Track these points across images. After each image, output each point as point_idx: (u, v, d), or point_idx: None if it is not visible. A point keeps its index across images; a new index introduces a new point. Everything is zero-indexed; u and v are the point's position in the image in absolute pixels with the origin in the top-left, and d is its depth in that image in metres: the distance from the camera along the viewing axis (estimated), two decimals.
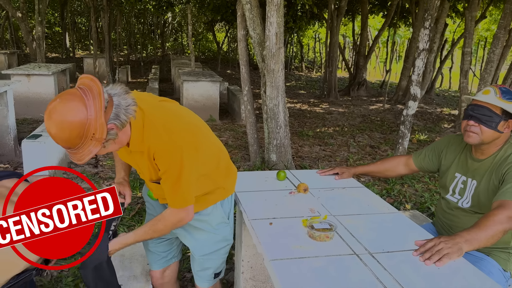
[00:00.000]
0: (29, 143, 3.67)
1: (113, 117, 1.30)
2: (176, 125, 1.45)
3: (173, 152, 1.40)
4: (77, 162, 1.35)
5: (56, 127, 1.24)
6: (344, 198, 2.03)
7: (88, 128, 1.25)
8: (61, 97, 1.27)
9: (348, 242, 1.58)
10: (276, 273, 1.36)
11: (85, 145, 1.27)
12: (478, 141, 1.82)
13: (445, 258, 1.44)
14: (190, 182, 1.46)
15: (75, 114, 1.23)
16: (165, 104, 1.58)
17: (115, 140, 1.35)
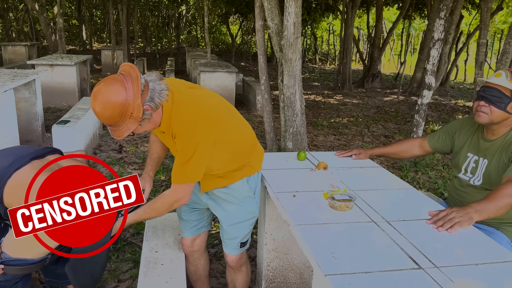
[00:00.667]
0: (59, 128, 3.87)
1: (149, 100, 1.48)
2: (198, 110, 1.59)
3: (190, 135, 1.55)
4: (117, 138, 1.52)
5: (100, 106, 1.44)
6: (362, 176, 2.16)
7: (127, 108, 1.43)
8: (105, 81, 1.46)
9: (366, 212, 1.71)
10: (302, 235, 1.51)
11: (124, 122, 1.46)
12: (488, 120, 1.94)
13: (456, 226, 1.57)
14: (198, 165, 1.59)
15: (116, 96, 1.42)
16: (193, 91, 1.72)
17: (149, 120, 1.52)
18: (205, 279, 2.13)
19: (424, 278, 1.27)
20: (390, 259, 1.37)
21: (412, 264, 1.34)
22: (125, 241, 2.90)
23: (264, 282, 2.30)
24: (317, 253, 1.39)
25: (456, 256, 1.40)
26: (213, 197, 1.84)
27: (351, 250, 1.41)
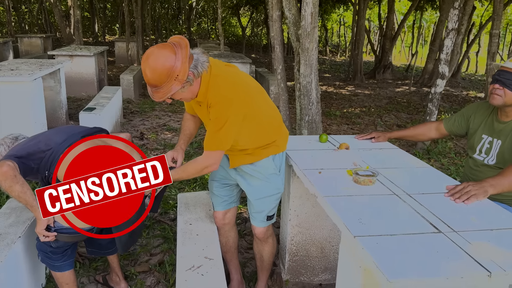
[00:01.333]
0: (86, 115, 4.05)
1: (193, 67, 1.64)
2: (233, 85, 1.75)
3: (224, 106, 1.70)
4: (158, 99, 1.65)
5: (152, 67, 1.60)
6: (382, 156, 2.30)
7: (174, 70, 1.59)
8: (157, 45, 1.65)
9: (388, 186, 1.86)
10: (330, 204, 1.65)
11: (169, 83, 1.60)
12: (502, 102, 2.06)
13: (472, 198, 1.71)
14: (229, 134, 1.73)
15: (166, 58, 1.59)
16: (230, 68, 1.88)
17: (190, 85, 1.67)
18: (234, 251, 2.29)
19: (444, 240, 1.41)
20: (412, 224, 1.51)
21: (433, 228, 1.49)
22: (154, 219, 3.07)
23: (288, 255, 2.46)
24: (346, 219, 1.53)
25: (472, 223, 1.54)
26: (241, 173, 1.99)
27: (376, 217, 1.56)
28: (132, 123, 5.70)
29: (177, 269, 1.81)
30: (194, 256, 1.89)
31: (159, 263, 2.56)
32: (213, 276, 1.76)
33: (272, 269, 2.60)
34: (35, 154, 1.81)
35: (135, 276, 2.44)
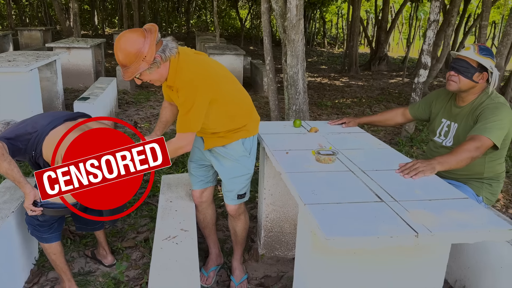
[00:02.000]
0: (80, 104, 4.23)
1: (161, 51, 1.82)
2: (199, 70, 1.90)
3: (190, 90, 1.85)
4: (127, 78, 1.82)
5: (121, 48, 1.77)
6: (348, 138, 2.48)
7: (142, 52, 1.76)
8: (129, 30, 1.83)
9: (346, 164, 2.03)
10: (290, 178, 1.83)
11: (137, 63, 1.77)
12: (457, 88, 2.23)
13: (420, 174, 1.88)
14: (196, 116, 1.88)
15: (135, 41, 1.76)
16: (198, 55, 2.03)
17: (157, 68, 1.83)
18: (212, 226, 2.47)
19: (384, 208, 1.60)
20: (359, 195, 1.69)
21: (376, 198, 1.67)
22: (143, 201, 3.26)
23: (263, 232, 2.64)
24: (300, 190, 1.72)
25: (414, 194, 1.72)
26: (215, 155, 2.17)
27: (328, 189, 1.74)
28: (126, 113, 5.88)
29: (154, 239, 1.99)
30: (171, 229, 2.08)
31: (145, 240, 2.76)
32: (186, 245, 1.95)
33: (250, 245, 2.79)
34: (23, 136, 1.99)
35: (121, 251, 2.64)
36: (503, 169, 2.35)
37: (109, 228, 2.89)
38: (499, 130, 2.08)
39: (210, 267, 2.46)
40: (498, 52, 7.32)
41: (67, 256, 2.57)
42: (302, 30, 4.60)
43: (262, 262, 2.62)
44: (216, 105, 1.97)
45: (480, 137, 2.05)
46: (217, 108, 1.99)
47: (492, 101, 2.19)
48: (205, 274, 2.42)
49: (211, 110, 1.96)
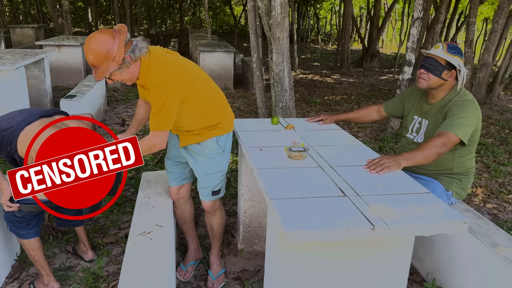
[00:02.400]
0: (66, 102, 4.27)
1: (130, 51, 1.85)
2: (170, 69, 1.93)
3: (161, 89, 1.89)
4: (97, 79, 1.86)
5: (91, 49, 1.81)
6: (323, 135, 2.53)
7: (112, 53, 1.79)
8: (99, 31, 1.87)
9: (317, 160, 2.09)
10: (259, 174, 1.89)
11: (107, 64, 1.81)
12: (427, 86, 2.29)
13: (386, 169, 1.94)
14: (168, 115, 1.92)
15: (104, 41, 1.80)
16: (169, 54, 2.07)
17: (127, 68, 1.87)
18: (190, 222, 2.53)
19: (346, 202, 1.65)
20: (324, 190, 1.75)
21: (340, 193, 1.72)
22: (126, 198, 3.31)
23: (242, 227, 2.70)
24: (268, 186, 1.77)
25: (377, 189, 1.78)
26: (190, 152, 2.22)
27: (295, 184, 1.79)
28: (115, 110, 5.92)
29: (129, 235, 2.04)
30: (146, 224, 2.13)
31: (126, 236, 2.80)
32: (161, 240, 2.00)
33: (230, 240, 2.85)
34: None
35: (102, 247, 2.69)
36: (473, 164, 2.41)
37: (91, 224, 2.95)
38: (466, 126, 2.14)
39: (188, 261, 2.52)
40: (485, 48, 7.40)
41: (49, 252, 2.62)
42: (287, 28, 4.64)
43: (240, 257, 2.68)
44: (189, 103, 2.02)
45: (447, 133, 2.11)
46: (190, 106, 2.03)
47: (460, 98, 2.25)
48: (183, 268, 2.47)
49: (184, 108, 2.01)
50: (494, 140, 5.29)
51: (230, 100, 7.15)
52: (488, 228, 2.16)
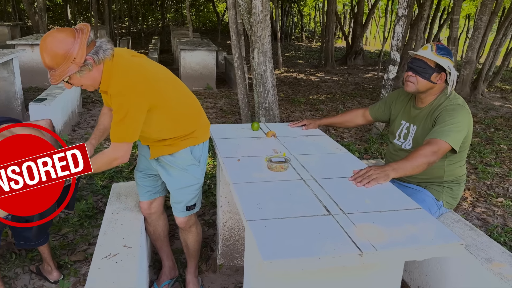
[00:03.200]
0: (35, 106, 4.02)
1: (93, 52, 1.66)
2: (135, 75, 1.74)
3: (124, 96, 1.70)
4: (54, 82, 1.66)
5: (48, 48, 1.60)
6: (306, 142, 2.37)
7: (72, 53, 1.60)
8: (57, 29, 1.66)
9: (299, 172, 1.93)
10: (236, 191, 1.71)
11: (66, 65, 1.61)
12: (415, 89, 2.14)
13: (373, 182, 1.79)
14: (132, 125, 1.74)
15: (63, 40, 1.60)
16: (135, 58, 1.86)
17: (89, 71, 1.67)
18: (164, 238, 2.34)
19: (331, 222, 1.49)
20: (307, 208, 1.59)
21: (324, 211, 1.56)
22: (97, 209, 3.10)
23: (221, 241, 2.53)
24: (245, 204, 1.60)
25: (364, 205, 1.62)
26: (162, 164, 2.03)
27: (275, 201, 1.63)
28: (91, 113, 5.66)
29: (93, 258, 1.85)
30: (113, 245, 1.94)
31: None
32: (126, 264, 1.81)
33: (209, 254, 2.67)
34: None
35: (69, 265, 2.48)
36: (464, 172, 2.28)
37: (58, 239, 2.73)
38: (457, 133, 2.01)
39: (163, 281, 2.33)
40: (469, 46, 7.35)
41: (11, 273, 2.40)
42: (269, 26, 4.47)
43: (220, 273, 2.50)
44: (157, 111, 1.83)
45: (437, 141, 1.97)
46: (159, 114, 1.84)
47: (451, 102, 2.11)
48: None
49: (152, 116, 1.82)
50: (480, 140, 5.22)
51: (213, 100, 6.96)
52: (481, 241, 2.03)
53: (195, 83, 7.68)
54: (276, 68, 10.52)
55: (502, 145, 5.00)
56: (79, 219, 2.95)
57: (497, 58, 7.94)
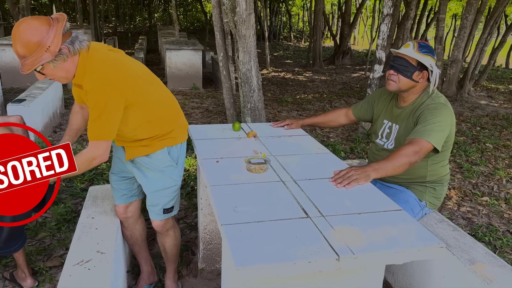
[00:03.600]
0: (14, 107, 3.91)
1: (69, 42, 1.59)
2: (112, 70, 1.68)
3: (101, 92, 1.64)
4: (26, 71, 1.58)
5: (21, 35, 1.52)
6: (287, 143, 2.32)
7: (46, 41, 1.53)
8: (32, 16, 1.59)
9: (278, 173, 1.87)
10: (212, 193, 1.66)
11: (39, 53, 1.53)
12: (396, 88, 2.10)
13: (353, 182, 1.74)
14: (109, 121, 1.68)
15: (38, 28, 1.53)
16: (111, 53, 1.80)
17: (64, 62, 1.60)
18: (142, 243, 2.27)
19: (309, 225, 1.44)
20: (285, 210, 1.53)
21: (302, 214, 1.51)
22: (76, 213, 3.02)
23: (202, 244, 2.46)
24: (220, 208, 1.54)
25: (344, 207, 1.57)
26: (137, 165, 1.96)
27: (252, 204, 1.57)
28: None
29: (64, 265, 1.78)
30: (86, 251, 1.86)
31: None
32: (99, 270, 1.74)
33: (190, 258, 2.61)
34: None
35: (45, 271, 2.40)
36: (447, 171, 2.25)
37: (34, 244, 2.65)
38: (439, 132, 1.97)
39: (141, 286, 2.26)
40: (455, 45, 7.38)
41: None
42: (253, 25, 4.41)
43: (201, 277, 2.44)
44: (134, 109, 1.76)
45: (419, 140, 1.93)
46: (135, 112, 1.78)
47: (433, 101, 2.07)
48: None
49: (128, 114, 1.75)
50: (466, 138, 5.23)
51: (199, 100, 6.89)
52: (464, 241, 2.00)
53: (182, 83, 7.60)
54: (264, 68, 10.48)
55: (488, 143, 5.02)
56: (57, 223, 2.86)
57: (482, 57, 7.99)
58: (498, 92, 8.68)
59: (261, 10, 13.60)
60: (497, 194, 3.63)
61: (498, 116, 6.60)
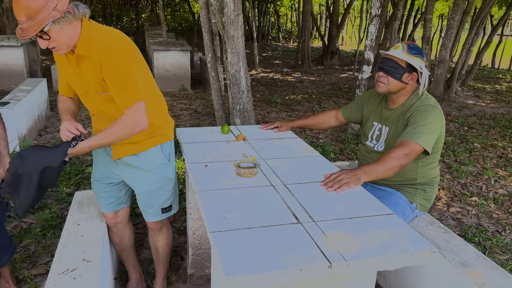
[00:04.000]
0: None
1: (73, 5, 1.56)
2: (122, 36, 1.67)
3: (119, 56, 1.60)
4: (31, 33, 1.48)
5: None
6: (277, 146, 2.29)
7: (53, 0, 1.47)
8: None
9: (268, 177, 1.84)
10: (201, 199, 1.62)
11: (47, 11, 1.47)
12: (386, 90, 2.09)
13: (344, 186, 1.72)
14: (136, 82, 1.63)
15: None
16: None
17: (69, 25, 1.54)
18: (130, 249, 2.22)
19: (300, 231, 1.41)
20: (275, 216, 1.50)
21: (293, 219, 1.48)
22: (62, 219, 2.95)
23: (191, 250, 2.42)
24: (209, 214, 1.50)
25: (335, 212, 1.55)
26: (126, 167, 1.90)
27: (242, 210, 1.54)
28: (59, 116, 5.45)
29: (49, 274, 1.72)
30: (71, 259, 1.81)
31: None
32: (85, 280, 1.69)
33: (179, 263, 2.56)
34: None
35: (29, 280, 2.33)
36: (437, 173, 2.24)
37: (18, 252, 2.58)
38: (429, 134, 1.96)
39: None
40: (442, 45, 7.44)
41: None
42: (242, 26, 4.38)
43: (190, 283, 2.40)
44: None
45: (409, 142, 1.92)
46: None
47: (422, 103, 2.07)
48: None
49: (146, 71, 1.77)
50: (454, 138, 5.26)
51: (187, 101, 6.83)
52: (455, 244, 2.00)
53: (170, 84, 7.53)
54: (253, 69, 10.45)
55: (476, 143, 5.06)
56: (42, 229, 2.80)
57: (469, 57, 8.08)
58: (484, 92, 8.78)
59: (249, 11, 13.56)
60: (486, 194, 3.65)
61: (485, 115, 6.66)
